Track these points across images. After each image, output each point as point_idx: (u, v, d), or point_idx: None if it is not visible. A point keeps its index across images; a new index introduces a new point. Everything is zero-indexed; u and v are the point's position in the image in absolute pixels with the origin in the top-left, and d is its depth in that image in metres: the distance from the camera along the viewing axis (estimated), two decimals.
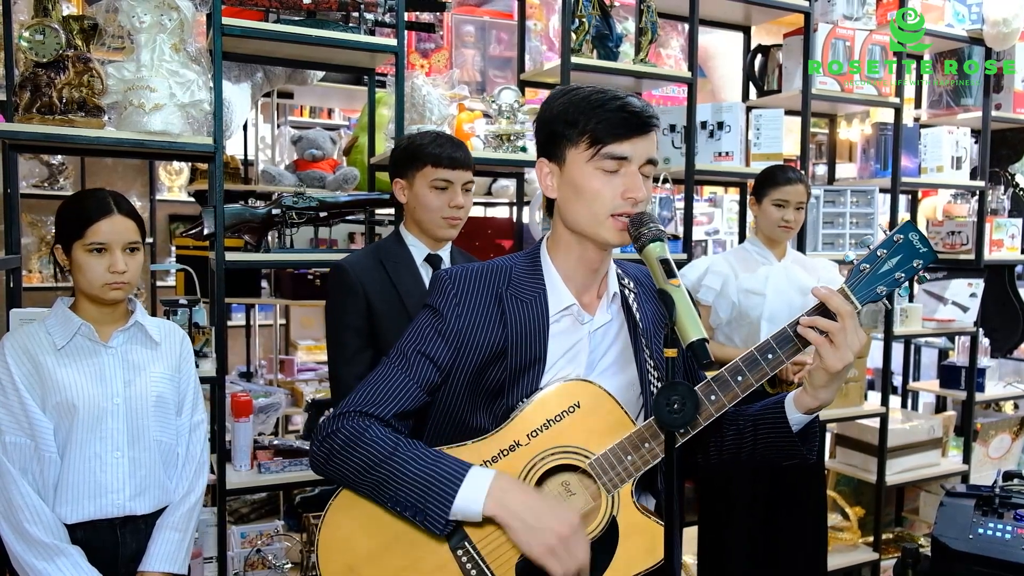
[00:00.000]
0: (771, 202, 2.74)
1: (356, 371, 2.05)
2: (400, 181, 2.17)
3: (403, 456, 1.26)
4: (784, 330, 1.29)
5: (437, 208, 2.11)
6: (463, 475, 1.25)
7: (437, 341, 1.35)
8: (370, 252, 2.19)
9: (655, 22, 3.00)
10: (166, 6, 2.18)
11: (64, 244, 1.75)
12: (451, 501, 1.23)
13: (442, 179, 2.10)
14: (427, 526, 1.25)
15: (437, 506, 1.24)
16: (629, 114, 1.28)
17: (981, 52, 3.74)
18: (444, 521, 1.24)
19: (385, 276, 2.11)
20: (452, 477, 1.25)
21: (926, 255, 1.28)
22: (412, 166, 2.13)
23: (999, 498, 2.27)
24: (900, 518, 4.07)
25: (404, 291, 2.10)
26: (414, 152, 2.13)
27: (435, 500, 1.24)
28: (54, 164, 4.89)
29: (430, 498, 1.24)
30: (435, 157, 2.10)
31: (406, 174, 2.15)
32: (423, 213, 2.13)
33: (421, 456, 1.27)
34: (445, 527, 1.25)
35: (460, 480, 1.24)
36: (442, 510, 1.24)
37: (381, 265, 2.12)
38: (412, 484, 1.25)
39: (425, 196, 2.11)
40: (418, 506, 1.24)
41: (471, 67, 4.08)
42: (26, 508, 1.66)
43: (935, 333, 3.85)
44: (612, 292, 1.42)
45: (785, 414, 1.36)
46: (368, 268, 2.11)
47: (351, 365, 2.06)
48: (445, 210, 2.11)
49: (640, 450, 1.30)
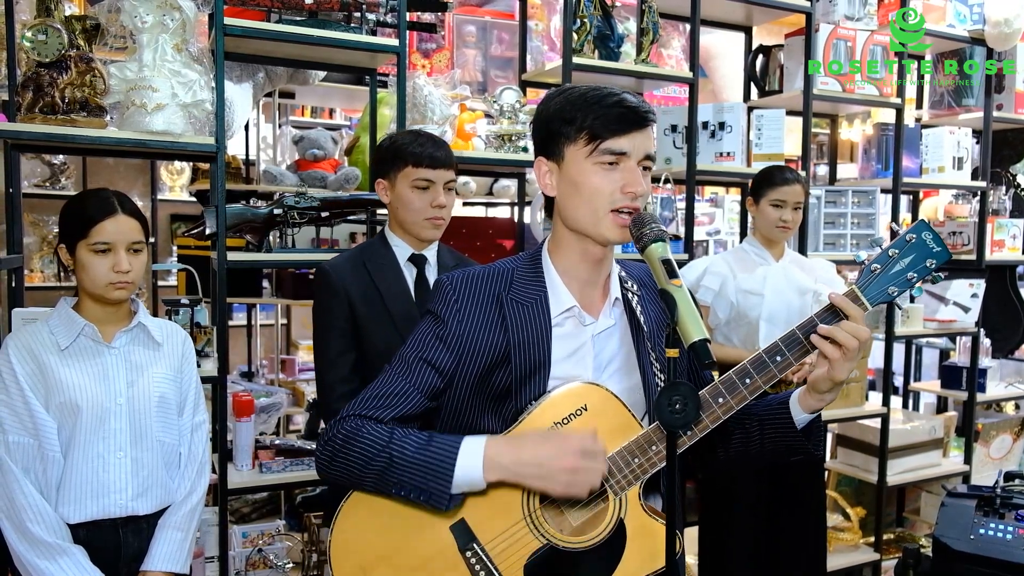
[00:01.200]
0: (768, 202, 2.74)
1: (340, 373, 2.05)
2: (382, 181, 2.15)
3: (399, 443, 1.28)
4: (793, 332, 1.29)
5: (419, 208, 2.08)
6: (456, 448, 1.27)
7: (438, 347, 1.35)
8: (354, 254, 2.18)
9: (656, 22, 3.00)
10: (168, 6, 2.18)
11: (68, 244, 1.76)
12: (451, 475, 1.26)
13: (423, 179, 2.07)
14: (432, 504, 1.27)
15: (439, 483, 1.26)
16: (626, 109, 1.29)
17: (983, 52, 3.74)
18: (448, 496, 1.26)
19: (367, 278, 2.09)
20: (447, 453, 1.27)
21: (940, 255, 1.27)
22: (393, 166, 2.11)
23: (1000, 499, 2.27)
24: (901, 518, 4.07)
25: (386, 292, 2.08)
26: (395, 152, 2.11)
27: (436, 478, 1.26)
28: (56, 164, 4.90)
29: (430, 477, 1.26)
30: (415, 156, 2.07)
31: (388, 174, 2.13)
32: (405, 213, 2.10)
33: (415, 439, 1.29)
34: (450, 502, 1.27)
35: (455, 454, 1.26)
36: (444, 486, 1.26)
37: (364, 267, 2.11)
38: (411, 467, 1.27)
39: (407, 196, 2.09)
40: (421, 487, 1.27)
41: (472, 67, 4.08)
42: (29, 508, 1.66)
43: (936, 333, 3.85)
44: (614, 296, 1.42)
45: (791, 414, 1.36)
46: (350, 270, 2.10)
47: (335, 367, 2.06)
48: (427, 210, 2.09)
49: (647, 452, 1.31)
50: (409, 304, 2.09)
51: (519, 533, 1.32)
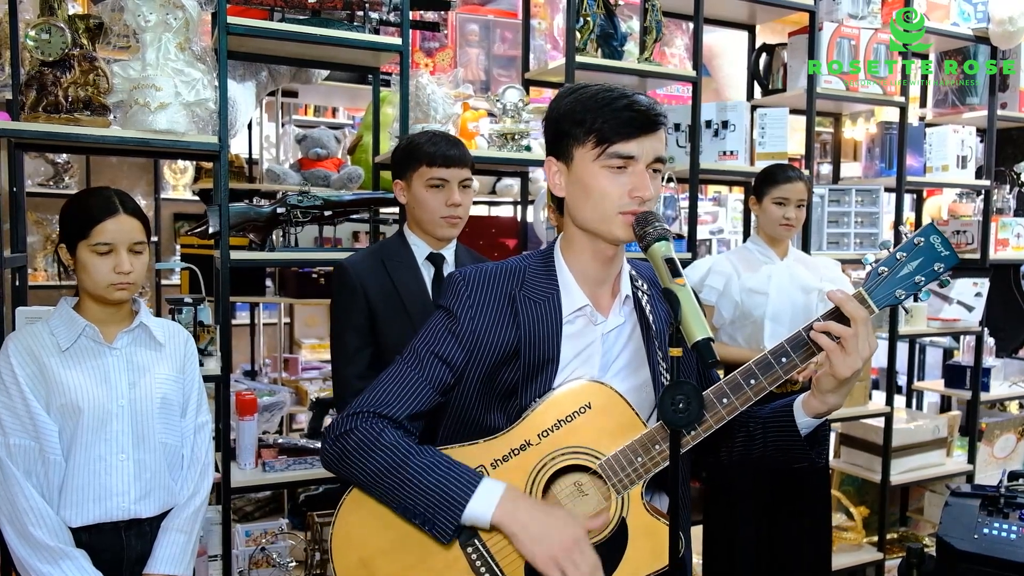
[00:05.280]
0: (771, 201, 2.74)
1: (357, 370, 2.07)
2: (400, 182, 2.17)
3: (416, 464, 1.27)
4: (799, 333, 1.29)
5: (435, 208, 2.10)
6: (474, 488, 1.26)
7: (450, 342, 1.35)
8: (372, 252, 2.20)
9: (660, 21, 3.00)
10: (171, 5, 2.19)
11: (69, 244, 1.73)
12: (460, 513, 1.25)
13: (438, 178, 2.09)
14: (434, 534, 1.26)
15: (445, 518, 1.25)
16: (636, 113, 1.28)
17: (987, 50, 3.73)
18: (452, 531, 1.26)
19: (386, 276, 2.11)
20: (463, 489, 1.25)
21: (948, 258, 1.26)
22: (409, 166, 2.13)
23: (1004, 498, 2.26)
24: (904, 518, 4.06)
25: (404, 290, 2.10)
26: (410, 152, 2.13)
27: (444, 512, 1.25)
28: (59, 163, 4.91)
29: (439, 509, 1.25)
30: (429, 156, 2.09)
31: (404, 175, 2.15)
32: (422, 213, 2.12)
33: (433, 465, 1.28)
34: (452, 536, 1.26)
35: (470, 493, 1.25)
36: (450, 522, 1.25)
37: (382, 264, 2.13)
38: (423, 494, 1.26)
39: (422, 196, 2.10)
40: (427, 515, 1.26)
41: (475, 66, 4.08)
42: (31, 511, 1.65)
43: (940, 333, 3.84)
44: (625, 295, 1.41)
45: (794, 418, 1.35)
46: (369, 268, 2.12)
47: (352, 364, 2.08)
48: (443, 209, 2.10)
49: (651, 452, 1.30)
50: (427, 303, 2.10)
51: None
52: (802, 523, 2.76)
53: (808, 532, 2.78)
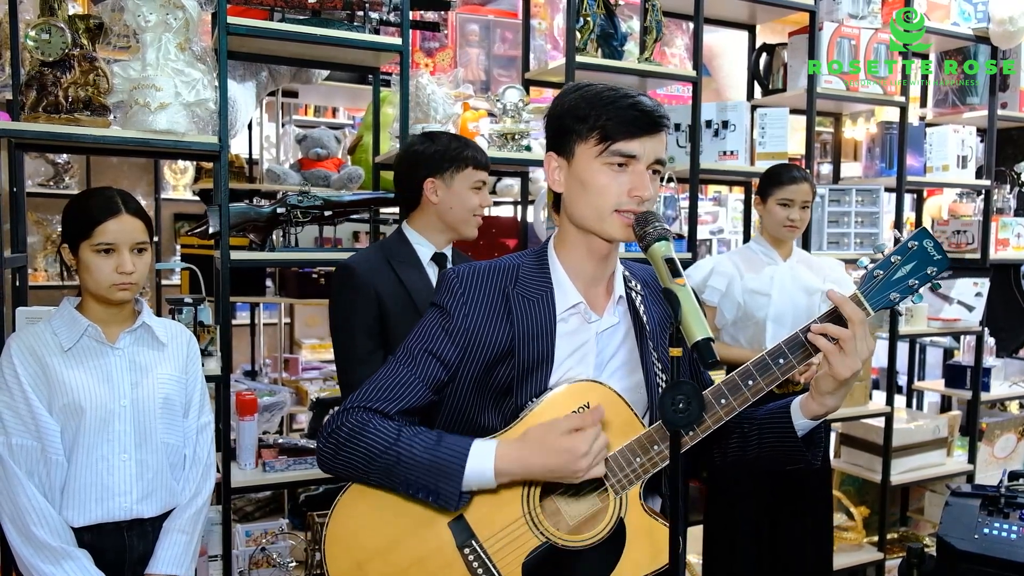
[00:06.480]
0: (776, 201, 2.73)
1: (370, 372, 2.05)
2: (435, 180, 2.15)
3: (407, 441, 1.27)
4: (796, 335, 1.29)
5: (472, 207, 2.18)
6: (467, 448, 1.26)
7: (444, 340, 1.35)
8: (376, 251, 2.19)
9: (660, 21, 3.00)
10: (172, 5, 2.19)
11: (71, 244, 1.73)
12: (460, 477, 1.25)
13: (481, 180, 2.19)
14: (441, 504, 1.26)
15: (449, 484, 1.25)
16: (640, 113, 1.28)
17: (987, 50, 3.73)
18: (457, 496, 1.25)
19: (394, 275, 2.10)
20: (457, 455, 1.26)
21: (940, 262, 1.28)
22: (452, 167, 2.15)
23: (1005, 498, 2.27)
24: (905, 518, 4.06)
25: (414, 290, 2.09)
26: (455, 154, 2.16)
27: (446, 479, 1.25)
28: (60, 163, 4.91)
29: (441, 477, 1.25)
30: (476, 160, 2.18)
31: (443, 174, 2.15)
32: (459, 212, 2.16)
33: (424, 438, 1.28)
34: (459, 502, 1.26)
35: (464, 457, 1.25)
36: (453, 488, 1.25)
37: (388, 264, 2.12)
38: (420, 467, 1.26)
39: (465, 196, 2.16)
40: (430, 487, 1.26)
41: (475, 66, 4.08)
42: (33, 511, 1.65)
43: (940, 332, 3.84)
44: (618, 295, 1.41)
45: (791, 419, 1.35)
46: (377, 268, 2.11)
47: (365, 365, 2.04)
48: (478, 209, 2.19)
49: (649, 452, 1.31)
50: None
51: (518, 531, 1.32)
52: (803, 523, 2.76)
53: (810, 532, 2.78)
